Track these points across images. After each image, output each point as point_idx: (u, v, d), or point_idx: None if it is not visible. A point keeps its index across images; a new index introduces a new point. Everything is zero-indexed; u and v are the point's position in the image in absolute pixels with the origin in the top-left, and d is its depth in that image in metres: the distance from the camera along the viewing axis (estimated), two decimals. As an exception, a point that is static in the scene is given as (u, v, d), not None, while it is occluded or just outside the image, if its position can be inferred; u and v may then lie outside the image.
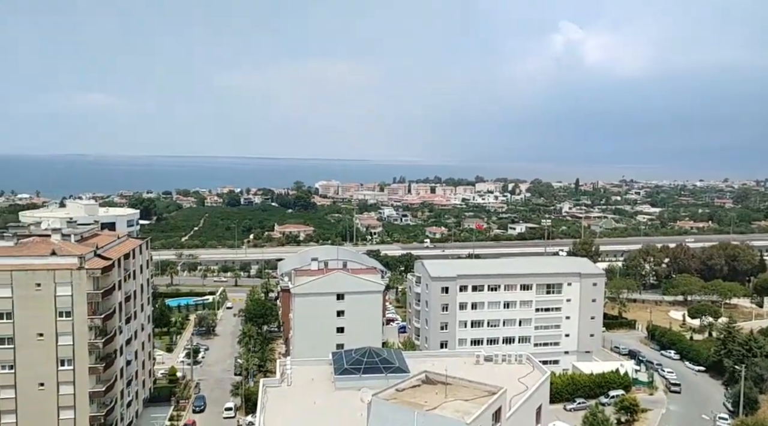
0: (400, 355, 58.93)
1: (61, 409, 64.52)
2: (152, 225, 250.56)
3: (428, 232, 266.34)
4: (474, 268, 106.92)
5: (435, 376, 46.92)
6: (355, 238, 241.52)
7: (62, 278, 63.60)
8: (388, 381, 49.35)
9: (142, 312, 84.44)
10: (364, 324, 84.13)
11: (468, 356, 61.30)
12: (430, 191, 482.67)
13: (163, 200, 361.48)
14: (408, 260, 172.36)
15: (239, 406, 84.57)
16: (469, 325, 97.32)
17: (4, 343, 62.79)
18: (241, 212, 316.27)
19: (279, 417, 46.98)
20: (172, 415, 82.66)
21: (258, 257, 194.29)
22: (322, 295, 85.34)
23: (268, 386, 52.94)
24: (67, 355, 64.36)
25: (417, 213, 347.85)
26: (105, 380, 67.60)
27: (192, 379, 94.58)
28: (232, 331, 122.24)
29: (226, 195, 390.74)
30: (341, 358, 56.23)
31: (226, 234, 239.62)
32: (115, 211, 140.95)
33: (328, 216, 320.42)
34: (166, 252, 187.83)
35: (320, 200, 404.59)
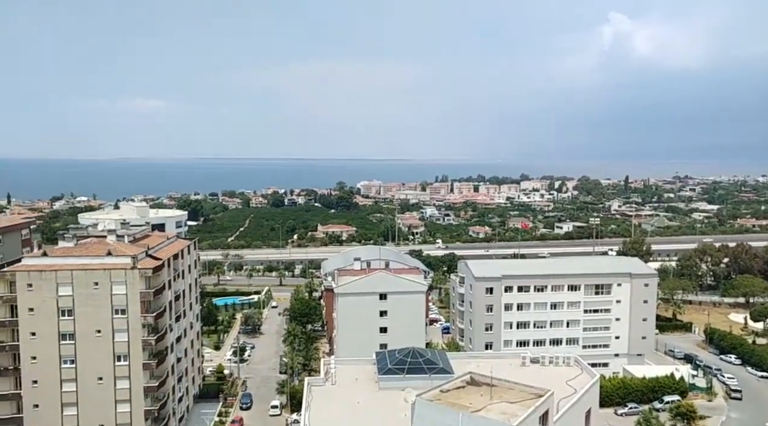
0: (444, 355, 58.52)
1: (119, 403, 67.14)
2: (200, 226, 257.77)
3: (471, 232, 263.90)
4: (519, 268, 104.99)
5: (480, 378, 46.34)
6: (397, 238, 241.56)
7: (117, 278, 66.15)
8: (432, 382, 49.06)
9: (191, 310, 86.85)
10: (407, 324, 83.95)
11: (514, 358, 60.34)
12: (473, 190, 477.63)
13: (209, 201, 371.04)
14: (451, 260, 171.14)
15: (285, 404, 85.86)
16: (514, 327, 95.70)
17: (66, 339, 65.77)
18: (285, 213, 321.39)
19: (323, 415, 47.42)
20: (221, 411, 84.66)
21: (302, 257, 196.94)
22: (364, 295, 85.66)
23: (313, 385, 53.53)
24: (122, 351, 66.90)
25: (460, 212, 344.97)
26: (158, 376, 69.88)
27: (239, 377, 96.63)
28: (277, 329, 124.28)
29: (270, 196, 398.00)
30: (385, 358, 56.29)
31: (271, 234, 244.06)
32: (165, 213, 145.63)
33: (370, 216, 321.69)
34: (213, 252, 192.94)
35: (362, 200, 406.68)
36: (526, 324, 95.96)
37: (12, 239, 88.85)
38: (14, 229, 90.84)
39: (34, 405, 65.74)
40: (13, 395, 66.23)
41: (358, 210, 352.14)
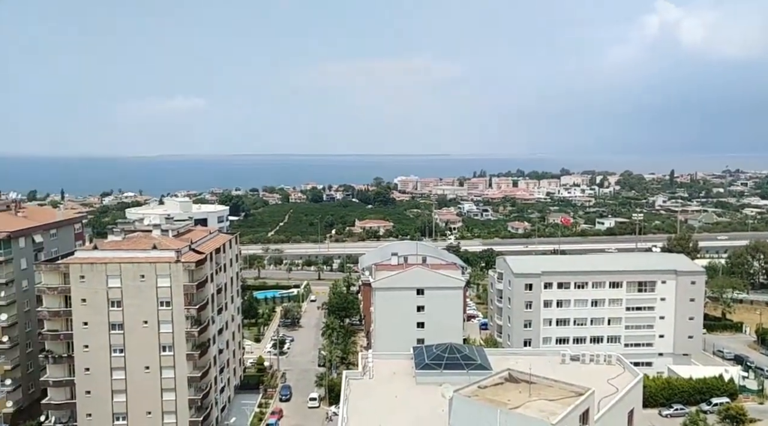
0: (481, 351, 58.23)
1: (164, 391, 69.42)
2: (240, 221, 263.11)
3: (510, 227, 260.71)
4: (559, 264, 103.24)
5: (518, 375, 45.92)
6: (435, 234, 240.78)
7: (162, 271, 68.30)
8: (469, 378, 48.92)
9: (232, 303, 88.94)
10: (444, 320, 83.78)
11: (553, 355, 59.51)
12: (512, 185, 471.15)
13: (250, 197, 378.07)
14: (489, 256, 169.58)
15: (323, 397, 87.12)
16: (554, 323, 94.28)
17: (116, 329, 68.38)
18: (324, 208, 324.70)
19: (361, 409, 47.92)
20: (261, 403, 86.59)
21: (340, 252, 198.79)
22: (401, 290, 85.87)
23: (351, 378, 54.11)
24: (167, 342, 69.10)
25: (498, 208, 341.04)
26: (200, 367, 71.92)
27: (278, 369, 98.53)
28: (316, 323, 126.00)
29: (309, 191, 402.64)
30: (422, 353, 56.41)
31: (310, 229, 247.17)
32: (207, 208, 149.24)
33: (407, 211, 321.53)
34: (253, 246, 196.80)
35: (399, 196, 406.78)
36: (565, 321, 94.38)
37: (66, 233, 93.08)
38: (68, 224, 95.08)
39: (86, 391, 68.63)
40: (68, 381, 69.33)
41: (395, 205, 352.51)
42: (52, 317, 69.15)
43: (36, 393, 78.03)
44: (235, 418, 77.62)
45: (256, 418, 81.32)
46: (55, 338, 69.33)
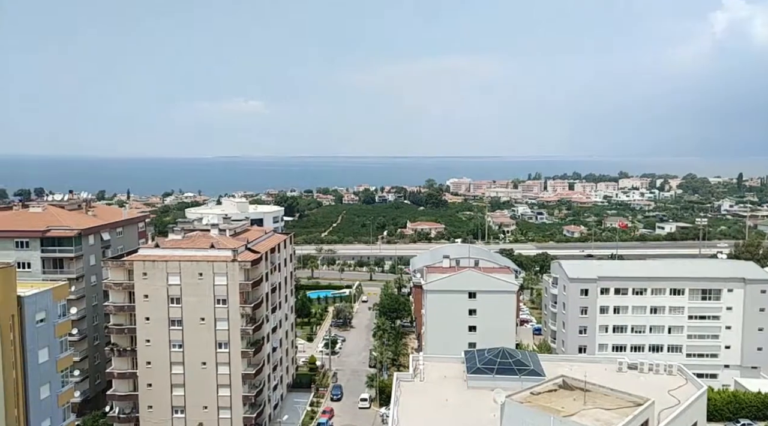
0: (535, 357, 56.89)
1: (220, 387, 71.50)
2: (295, 221, 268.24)
3: (566, 231, 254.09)
4: (617, 269, 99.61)
5: (573, 382, 44.57)
6: (487, 236, 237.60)
7: (219, 269, 70.44)
8: (522, 383, 47.92)
9: (286, 302, 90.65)
10: (496, 324, 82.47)
11: (609, 363, 57.43)
12: (568, 188, 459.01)
13: (304, 198, 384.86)
14: (543, 260, 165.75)
15: (374, 398, 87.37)
16: (610, 330, 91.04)
17: (175, 325, 71.03)
18: (376, 209, 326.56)
19: (412, 411, 47.73)
20: (312, 401, 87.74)
21: (391, 253, 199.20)
22: (453, 293, 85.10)
23: (402, 380, 54.02)
24: (223, 339, 71.16)
25: (554, 211, 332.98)
26: (255, 364, 73.64)
27: (330, 369, 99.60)
28: (367, 324, 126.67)
29: (361, 193, 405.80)
30: (474, 357, 55.69)
31: (362, 230, 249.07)
32: (263, 209, 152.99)
33: (460, 214, 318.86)
34: (307, 247, 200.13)
35: (451, 198, 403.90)
36: (623, 328, 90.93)
37: (130, 231, 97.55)
38: (132, 223, 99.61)
39: (147, 384, 71.65)
40: (130, 374, 72.55)
41: (447, 207, 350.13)
42: (117, 312, 72.59)
43: (102, 384, 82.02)
44: (287, 416, 78.97)
45: (308, 417, 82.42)
46: (120, 332, 72.65)
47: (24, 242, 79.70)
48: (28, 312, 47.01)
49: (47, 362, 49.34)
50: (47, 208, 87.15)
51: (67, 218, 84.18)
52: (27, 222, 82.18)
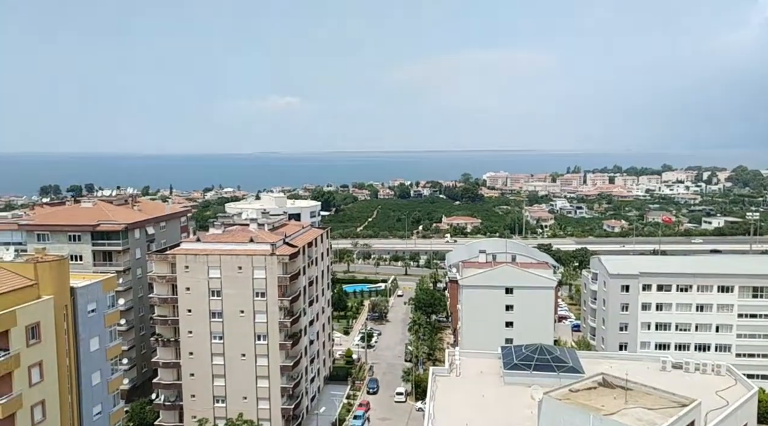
0: (573, 354, 56.11)
1: (259, 378, 73.13)
2: (331, 216, 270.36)
3: (606, 226, 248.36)
4: (659, 265, 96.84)
5: (613, 380, 43.81)
6: (525, 231, 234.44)
7: (258, 263, 71.89)
8: (560, 380, 47.39)
9: (323, 296, 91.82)
10: (534, 320, 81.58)
11: (652, 361, 56.13)
12: (609, 181, 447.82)
13: (340, 193, 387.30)
14: (583, 255, 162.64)
15: (409, 392, 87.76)
16: (653, 328, 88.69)
17: (215, 317, 72.99)
18: (411, 204, 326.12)
19: (448, 406, 47.81)
20: (349, 394, 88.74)
21: (426, 248, 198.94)
22: (490, 288, 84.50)
23: (438, 375, 54.12)
24: (262, 331, 72.70)
25: (593, 205, 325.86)
26: (292, 356, 74.98)
27: (366, 362, 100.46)
28: (403, 318, 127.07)
29: (397, 188, 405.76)
30: (511, 352, 55.31)
31: (397, 225, 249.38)
32: (300, 203, 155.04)
33: (496, 208, 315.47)
34: (343, 241, 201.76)
35: (488, 192, 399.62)
36: (666, 325, 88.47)
37: (173, 226, 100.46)
38: (175, 217, 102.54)
39: (190, 374, 73.87)
40: (174, 364, 74.95)
41: (484, 202, 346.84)
42: (161, 303, 75.02)
43: (148, 372, 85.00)
44: (324, 408, 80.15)
45: (344, 409, 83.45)
46: (164, 323, 75.06)
47: (76, 236, 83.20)
48: (80, 302, 49.18)
49: (98, 350, 51.52)
50: (97, 204, 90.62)
51: (114, 213, 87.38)
52: (79, 217, 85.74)
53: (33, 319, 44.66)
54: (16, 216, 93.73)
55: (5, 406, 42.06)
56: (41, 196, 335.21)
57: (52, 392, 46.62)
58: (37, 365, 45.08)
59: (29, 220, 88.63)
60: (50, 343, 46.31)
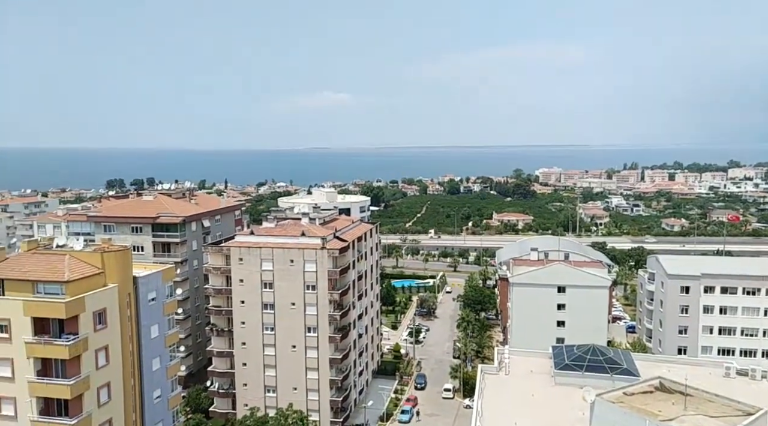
0: (628, 356, 54.32)
1: (308, 370, 74.58)
2: (380, 211, 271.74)
3: (664, 224, 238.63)
4: (724, 266, 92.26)
5: (672, 384, 42.16)
6: (578, 229, 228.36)
7: (309, 256, 73.18)
8: (613, 383, 46.04)
9: (372, 290, 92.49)
10: (586, 319, 79.42)
11: (714, 367, 53.64)
12: (668, 178, 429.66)
13: (390, 188, 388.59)
14: (639, 254, 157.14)
15: (457, 389, 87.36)
16: (715, 332, 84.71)
17: (267, 309, 74.87)
18: (461, 200, 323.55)
19: (496, 404, 47.30)
20: (396, 389, 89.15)
21: (476, 245, 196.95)
22: (541, 287, 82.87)
23: (487, 373, 53.60)
24: (312, 324, 74.02)
25: (651, 203, 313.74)
26: (341, 349, 75.97)
27: (414, 357, 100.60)
28: (451, 314, 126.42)
29: (446, 183, 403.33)
30: (562, 352, 54.13)
31: (446, 221, 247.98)
32: (350, 199, 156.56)
33: (549, 205, 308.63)
34: (392, 236, 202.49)
35: (540, 188, 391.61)
36: (731, 330, 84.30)
37: (228, 219, 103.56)
38: (229, 211, 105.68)
39: (243, 363, 76.14)
40: (228, 353, 77.41)
41: (536, 198, 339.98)
42: (216, 294, 77.56)
43: (203, 361, 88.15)
44: (372, 402, 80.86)
45: (392, 404, 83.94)
46: (218, 313, 77.60)
47: (138, 227, 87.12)
48: (142, 291, 51.50)
49: (158, 337, 53.83)
50: (157, 197, 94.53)
51: (173, 206, 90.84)
52: (141, 209, 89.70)
53: (100, 305, 47.13)
54: (86, 208, 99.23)
55: (74, 386, 44.65)
56: (107, 189, 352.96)
57: (117, 375, 49.14)
58: (103, 349, 47.58)
59: (97, 212, 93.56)
60: (115, 329, 48.78)
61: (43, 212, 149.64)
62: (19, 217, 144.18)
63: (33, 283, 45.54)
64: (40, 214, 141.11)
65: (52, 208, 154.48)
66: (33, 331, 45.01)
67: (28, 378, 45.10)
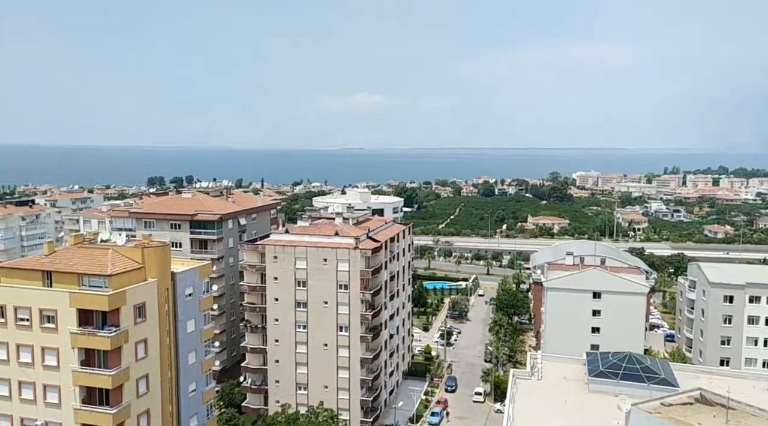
0: (666, 365, 52.88)
1: (340, 369, 75.07)
2: (413, 212, 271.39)
3: (707, 231, 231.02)
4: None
5: (713, 396, 40.80)
6: (616, 234, 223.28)
7: (342, 256, 73.70)
8: (650, 392, 44.90)
9: (404, 291, 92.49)
10: (623, 327, 77.54)
11: (758, 380, 51.73)
12: (712, 183, 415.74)
13: (423, 189, 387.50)
14: (679, 261, 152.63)
15: (488, 393, 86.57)
16: (760, 343, 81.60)
17: (300, 307, 75.73)
18: (495, 202, 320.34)
19: (528, 410, 46.72)
20: (427, 390, 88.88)
21: (510, 248, 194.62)
22: (576, 292, 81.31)
23: (519, 378, 53.00)
24: (344, 323, 74.51)
25: (693, 208, 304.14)
26: (372, 349, 76.24)
27: (445, 360, 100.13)
28: (483, 318, 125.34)
29: (481, 185, 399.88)
30: (596, 359, 53.06)
31: (480, 223, 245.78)
32: (384, 199, 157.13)
33: (585, 209, 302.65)
34: (424, 238, 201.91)
35: (577, 192, 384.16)
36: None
37: (263, 217, 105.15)
38: (265, 209, 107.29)
39: (275, 360, 77.19)
40: (261, 349, 78.61)
41: (572, 202, 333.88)
42: (250, 291, 78.91)
43: (237, 356, 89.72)
44: (402, 403, 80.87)
45: (422, 405, 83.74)
46: (252, 310, 78.90)
47: (177, 224, 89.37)
48: (179, 286, 52.87)
49: (194, 332, 55.16)
50: (195, 195, 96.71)
51: (210, 204, 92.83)
52: (179, 206, 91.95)
53: (140, 299, 48.61)
54: (128, 204, 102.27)
55: (115, 377, 46.17)
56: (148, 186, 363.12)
57: (154, 368, 50.57)
58: (142, 342, 49.06)
59: (138, 208, 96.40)
60: (153, 323, 50.21)
61: (89, 208, 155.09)
62: (67, 212, 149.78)
63: (79, 275, 47.32)
64: (86, 210, 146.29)
65: (97, 204, 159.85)
66: (78, 322, 46.74)
67: (73, 367, 46.86)
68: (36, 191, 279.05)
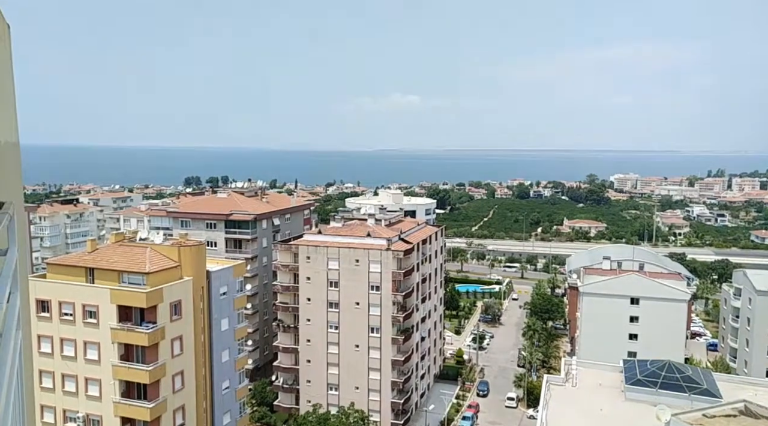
0: (708, 375, 50.97)
1: (370, 370, 75.15)
2: (446, 214, 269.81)
3: (754, 236, 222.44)
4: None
5: (758, 409, 39.14)
6: (655, 238, 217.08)
7: (374, 257, 73.80)
8: (692, 403, 43.40)
9: (435, 294, 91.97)
10: (662, 334, 75.33)
11: (806, 393, 49.26)
12: (760, 187, 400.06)
13: (456, 191, 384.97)
14: (723, 267, 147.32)
15: (521, 398, 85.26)
16: (809, 355, 78.05)
17: (332, 307, 76.16)
18: (530, 205, 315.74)
19: (562, 416, 45.74)
20: (458, 394, 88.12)
21: (545, 251, 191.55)
22: (613, 297, 79.40)
23: (552, 384, 51.97)
24: (375, 324, 74.55)
25: (739, 213, 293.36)
26: (404, 351, 76.01)
27: (477, 364, 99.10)
28: (517, 322, 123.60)
29: (515, 187, 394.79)
30: (634, 367, 51.58)
31: (514, 226, 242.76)
32: (416, 201, 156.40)
33: (624, 212, 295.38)
34: (457, 240, 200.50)
35: (615, 195, 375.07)
36: (828, 354, 77.29)
37: (297, 218, 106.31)
38: (299, 210, 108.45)
39: (307, 360, 77.79)
40: (293, 349, 79.36)
41: (610, 205, 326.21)
42: (283, 291, 79.75)
43: (269, 355, 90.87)
44: (433, 406, 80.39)
45: (453, 409, 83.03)
46: (285, 310, 79.72)
47: (212, 224, 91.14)
48: (214, 285, 53.89)
49: (227, 330, 56.11)
50: (230, 195, 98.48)
51: (245, 204, 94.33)
52: (215, 206, 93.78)
53: (176, 297, 49.72)
54: (165, 204, 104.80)
55: (152, 372, 47.33)
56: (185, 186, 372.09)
57: (189, 364, 51.63)
58: (178, 339, 50.17)
59: (175, 208, 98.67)
60: (188, 320, 51.27)
61: (129, 207, 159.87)
62: (108, 211, 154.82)
63: (119, 272, 48.76)
64: (126, 209, 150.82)
65: (136, 203, 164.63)
66: (117, 318, 48.11)
67: (112, 361, 48.26)
68: (80, 190, 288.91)
